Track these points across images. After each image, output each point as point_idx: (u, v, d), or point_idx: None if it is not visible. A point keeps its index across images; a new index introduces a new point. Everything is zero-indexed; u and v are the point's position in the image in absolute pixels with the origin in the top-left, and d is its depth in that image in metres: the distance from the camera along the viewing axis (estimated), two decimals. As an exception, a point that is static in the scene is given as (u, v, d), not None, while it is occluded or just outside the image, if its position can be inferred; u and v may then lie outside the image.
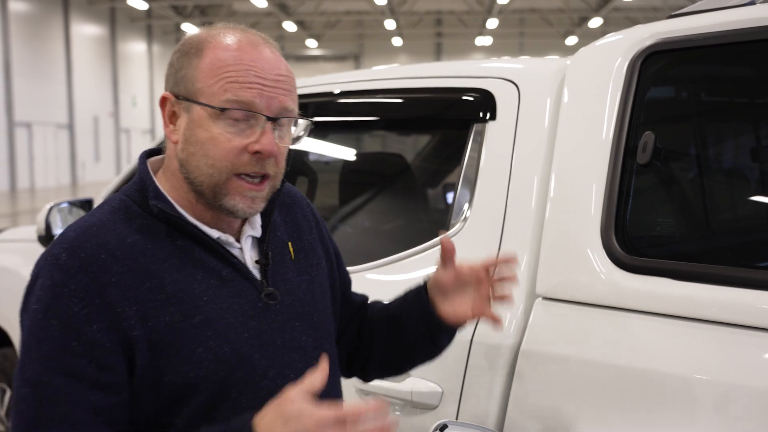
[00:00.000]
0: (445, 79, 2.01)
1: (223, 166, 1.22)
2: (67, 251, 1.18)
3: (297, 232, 1.44)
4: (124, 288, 1.17)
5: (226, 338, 1.22)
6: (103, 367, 1.15)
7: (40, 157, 23.08)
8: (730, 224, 1.57)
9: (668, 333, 1.37)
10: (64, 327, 1.14)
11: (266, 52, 1.25)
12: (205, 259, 1.26)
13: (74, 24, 25.38)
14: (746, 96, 1.60)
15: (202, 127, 1.22)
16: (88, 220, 1.24)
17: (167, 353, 1.19)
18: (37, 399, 1.13)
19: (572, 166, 1.58)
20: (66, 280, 1.16)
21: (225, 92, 1.21)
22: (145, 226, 1.24)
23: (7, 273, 3.28)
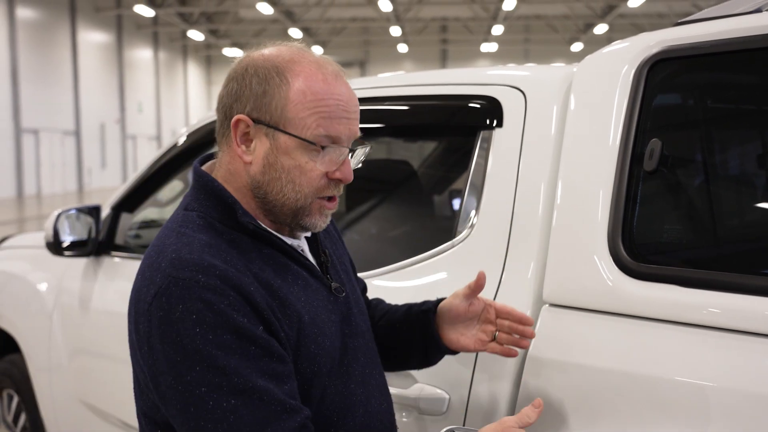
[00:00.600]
0: (452, 86, 2.02)
1: (309, 192, 1.31)
2: (202, 272, 1.20)
3: (331, 241, 1.55)
4: (260, 296, 1.23)
5: (325, 333, 1.33)
6: (282, 358, 1.23)
7: (46, 163, 23.14)
8: (737, 231, 1.57)
9: (675, 340, 1.36)
10: (239, 337, 1.18)
11: (345, 84, 1.33)
12: (288, 264, 1.34)
13: (81, 31, 25.49)
14: (753, 103, 1.60)
15: (289, 155, 1.29)
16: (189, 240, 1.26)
17: (297, 353, 1.28)
18: (252, 403, 1.16)
19: (579, 173, 1.58)
20: (218, 298, 1.19)
21: (318, 127, 1.27)
22: (233, 241, 1.29)
23: (15, 279, 3.29)
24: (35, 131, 22.40)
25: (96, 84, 26.55)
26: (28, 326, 3.12)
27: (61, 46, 24.30)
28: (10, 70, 21.23)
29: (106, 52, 27.72)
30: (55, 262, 3.00)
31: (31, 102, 21.99)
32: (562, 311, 1.54)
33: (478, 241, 1.76)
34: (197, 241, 1.26)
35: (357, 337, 1.43)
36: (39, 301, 3.04)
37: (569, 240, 1.55)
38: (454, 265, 1.79)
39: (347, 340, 1.40)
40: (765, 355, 1.27)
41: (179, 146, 2.66)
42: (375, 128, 2.28)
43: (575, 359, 1.46)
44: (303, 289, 1.34)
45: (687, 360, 1.34)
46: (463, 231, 1.80)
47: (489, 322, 1.51)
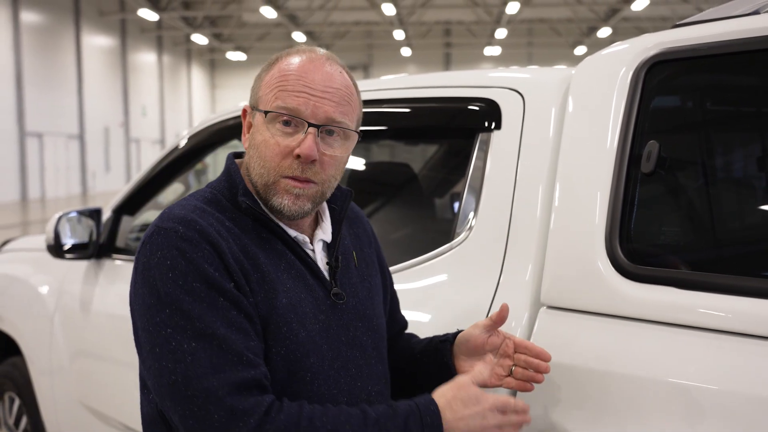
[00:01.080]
0: (451, 88, 2.02)
1: (271, 167, 1.34)
2: (183, 225, 1.28)
3: (359, 244, 1.56)
4: (234, 259, 1.29)
5: (303, 324, 1.33)
6: (249, 317, 1.27)
7: (50, 167, 23.19)
8: (735, 233, 1.56)
9: (673, 342, 1.36)
10: (209, 287, 1.24)
11: (322, 67, 1.36)
12: (285, 253, 1.38)
13: (85, 35, 25.55)
14: (751, 105, 1.60)
15: (259, 131, 1.36)
16: (186, 204, 1.35)
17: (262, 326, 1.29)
18: (211, 348, 1.21)
19: (577, 175, 1.58)
20: (193, 248, 1.26)
21: (276, 99, 1.34)
22: (236, 218, 1.36)
23: (17, 282, 3.30)
24: (39, 135, 22.45)
25: (100, 88, 26.60)
26: (29, 329, 3.12)
27: (65, 50, 24.36)
28: (14, 73, 21.29)
29: (110, 56, 27.79)
30: (57, 264, 3.01)
31: (35, 106, 22.04)
32: (559, 313, 1.54)
33: (477, 243, 1.76)
34: (192, 204, 1.34)
35: (354, 349, 1.41)
36: (40, 304, 3.05)
37: (567, 242, 1.55)
38: (453, 267, 1.79)
39: (341, 347, 1.39)
40: (762, 357, 1.27)
41: (180, 149, 2.66)
42: (374, 131, 2.28)
43: (573, 361, 1.46)
44: (293, 278, 1.36)
45: (684, 362, 1.34)
46: (461, 233, 1.80)
47: (507, 356, 1.46)
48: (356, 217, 1.61)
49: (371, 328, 1.47)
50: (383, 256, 1.65)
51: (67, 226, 2.78)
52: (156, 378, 1.23)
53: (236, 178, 1.40)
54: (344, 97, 1.36)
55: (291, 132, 1.33)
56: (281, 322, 1.31)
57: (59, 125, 23.67)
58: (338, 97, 1.35)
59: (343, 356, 1.39)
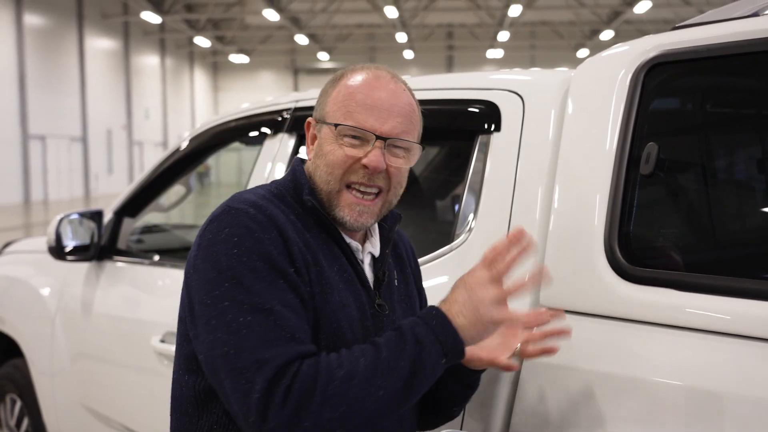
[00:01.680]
0: (451, 90, 2.02)
1: (337, 174, 1.40)
2: (254, 208, 1.34)
3: (400, 265, 1.60)
4: (297, 248, 1.34)
5: (351, 326, 1.38)
6: (305, 302, 1.32)
7: (53, 169, 23.23)
8: (733, 235, 1.56)
9: (671, 343, 1.37)
10: (271, 268, 1.29)
11: (387, 86, 1.42)
12: (340, 256, 1.43)
13: (88, 38, 25.61)
14: (749, 107, 1.61)
15: (327, 142, 1.41)
16: (256, 191, 1.42)
17: (316, 317, 1.33)
18: (266, 322, 1.25)
19: (576, 177, 1.59)
20: (262, 229, 1.31)
21: (345, 116, 1.40)
22: (300, 215, 1.42)
23: (18, 283, 3.31)
24: (42, 137, 22.50)
25: (103, 90, 26.66)
26: (30, 330, 3.13)
27: (68, 53, 24.42)
28: (17, 76, 21.34)
29: (113, 59, 27.84)
30: (58, 266, 3.01)
31: (38, 108, 22.09)
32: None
33: (477, 244, 1.76)
34: (261, 193, 1.41)
35: None
36: (41, 306, 3.05)
37: (566, 243, 1.56)
38: (452, 269, 1.79)
39: None
40: (761, 359, 1.27)
41: (181, 151, 2.67)
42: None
43: (572, 362, 1.46)
44: (344, 281, 1.41)
45: (682, 363, 1.34)
46: (461, 234, 1.81)
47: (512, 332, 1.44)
48: (400, 238, 1.65)
49: None
50: (420, 278, 1.68)
51: (69, 228, 2.78)
52: (209, 350, 1.26)
53: (302, 179, 1.46)
54: (408, 114, 1.43)
55: (358, 144, 1.39)
56: (333, 318, 1.35)
57: (62, 128, 23.72)
58: (403, 114, 1.41)
59: None
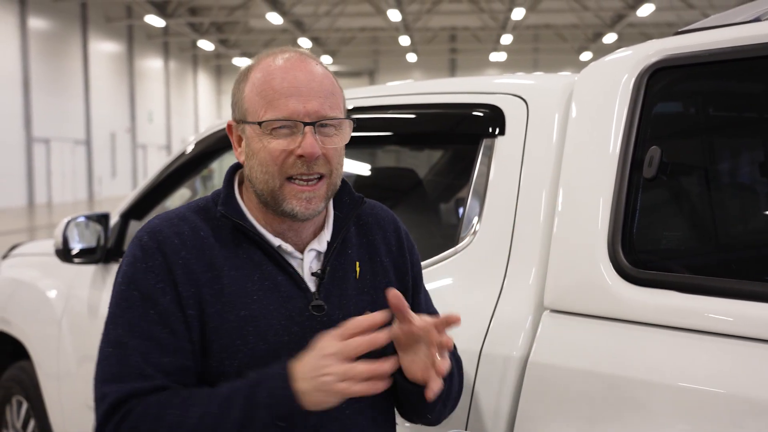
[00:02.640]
0: (456, 94, 2.04)
1: (275, 170, 1.34)
2: (149, 234, 1.36)
3: (370, 254, 1.50)
4: (188, 271, 1.33)
5: (264, 337, 1.33)
6: (175, 333, 1.31)
7: (57, 172, 23.28)
8: (736, 237, 1.58)
9: (674, 345, 1.38)
10: (144, 297, 1.32)
11: (302, 65, 1.37)
12: (264, 263, 1.38)
13: (92, 41, 25.67)
14: (751, 111, 1.62)
15: (254, 140, 1.36)
16: (172, 213, 1.42)
17: (211, 338, 1.32)
18: (117, 359, 1.30)
19: (580, 180, 1.60)
20: (145, 258, 1.34)
21: (266, 109, 1.34)
22: (218, 227, 1.39)
23: (24, 286, 3.32)
24: (46, 140, 22.55)
25: (107, 94, 26.71)
26: (37, 333, 3.14)
27: (72, 56, 24.47)
28: (22, 79, 21.39)
29: (116, 62, 27.90)
30: (65, 269, 3.03)
31: (42, 111, 22.14)
32: (562, 317, 1.55)
33: (481, 248, 1.77)
34: (176, 212, 1.41)
35: None
36: (48, 308, 3.07)
37: (570, 246, 1.57)
38: (457, 272, 1.80)
39: None
40: (765, 360, 1.28)
41: (187, 154, 2.68)
42: (379, 136, 2.30)
43: (576, 364, 1.47)
44: (265, 290, 1.35)
45: (687, 365, 1.35)
46: (465, 238, 1.82)
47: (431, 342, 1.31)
48: (377, 223, 1.53)
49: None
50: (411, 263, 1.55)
51: (75, 230, 2.80)
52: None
53: (225, 187, 1.43)
54: (329, 89, 1.37)
55: (287, 134, 1.34)
56: (234, 336, 1.32)
57: (66, 131, 23.77)
58: (324, 91, 1.36)
59: None
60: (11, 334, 3.33)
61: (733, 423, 1.26)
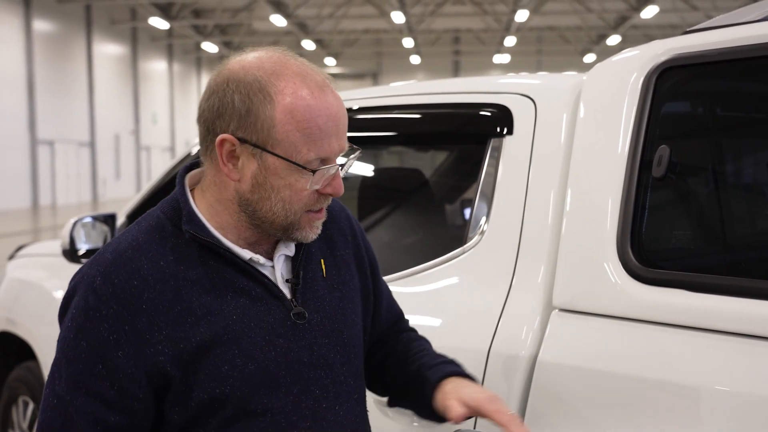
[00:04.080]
0: (463, 94, 2.04)
1: (299, 209, 1.28)
2: (102, 275, 1.23)
3: (330, 248, 1.46)
4: (154, 314, 1.22)
5: (251, 357, 1.27)
6: (123, 391, 1.21)
7: (61, 174, 23.32)
8: (745, 236, 1.58)
9: (684, 344, 1.38)
10: (92, 350, 1.21)
11: (331, 96, 1.26)
12: (236, 279, 1.29)
13: (96, 43, 25.71)
14: (760, 111, 1.62)
15: (278, 175, 1.25)
16: (124, 241, 1.28)
17: (196, 370, 1.24)
18: (59, 413, 1.21)
19: (588, 180, 1.60)
20: (99, 305, 1.21)
21: (309, 151, 1.23)
22: (179, 246, 1.28)
23: (31, 287, 3.33)
24: (50, 142, 22.59)
25: (111, 96, 26.76)
26: (43, 334, 3.15)
27: (76, 59, 24.52)
28: (26, 82, 21.44)
29: (121, 64, 27.94)
30: (71, 269, 3.03)
31: (46, 113, 22.19)
32: (571, 316, 1.55)
33: (489, 248, 1.77)
34: (131, 239, 1.28)
35: (317, 369, 1.33)
36: (54, 309, 3.06)
37: (579, 246, 1.57)
38: (464, 271, 1.81)
39: (302, 369, 1.31)
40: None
41: (193, 156, 2.69)
42: (386, 137, 2.30)
43: (584, 364, 1.47)
44: (242, 307, 1.28)
45: (695, 363, 1.35)
46: (473, 237, 1.82)
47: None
48: (330, 216, 1.44)
49: (340, 342, 1.38)
50: (366, 249, 1.53)
51: (82, 231, 2.80)
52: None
53: (182, 201, 1.30)
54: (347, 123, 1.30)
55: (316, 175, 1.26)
56: (220, 363, 1.24)
57: (70, 133, 23.81)
58: (345, 125, 1.29)
59: (304, 379, 1.31)
60: (18, 334, 3.34)
61: (743, 422, 1.26)
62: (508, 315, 1.65)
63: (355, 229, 1.53)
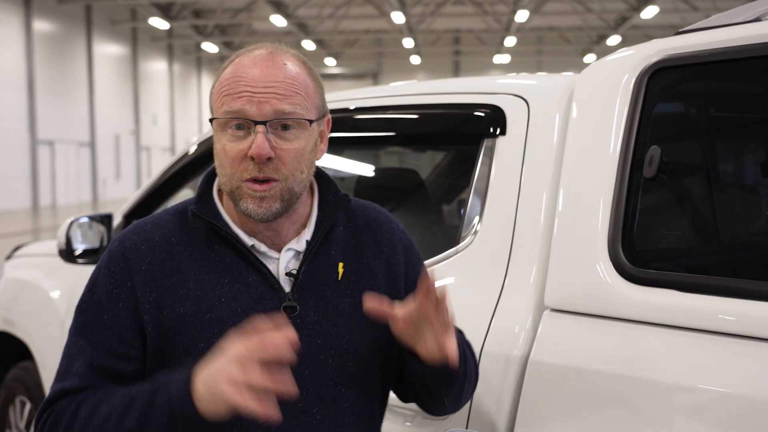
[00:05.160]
0: (457, 95, 2.04)
1: (232, 173, 1.32)
2: (119, 240, 1.39)
3: (357, 255, 1.44)
4: (150, 277, 1.34)
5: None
6: (123, 339, 1.33)
7: (61, 174, 23.33)
8: (735, 237, 1.58)
9: (674, 344, 1.38)
10: (99, 301, 1.35)
11: (263, 63, 1.32)
12: (235, 263, 1.36)
13: (97, 44, 25.72)
14: (752, 111, 1.62)
15: (217, 140, 1.35)
16: (150, 218, 1.43)
17: (174, 341, 1.32)
18: (67, 354, 1.36)
19: (580, 179, 1.60)
20: (110, 263, 1.37)
21: (222, 105, 1.32)
22: (194, 230, 1.39)
23: (28, 287, 3.33)
24: (50, 142, 22.60)
25: (111, 96, 26.76)
26: (40, 333, 3.15)
27: (76, 59, 24.53)
28: (26, 82, 21.45)
29: (121, 65, 27.96)
30: (68, 269, 3.04)
31: (46, 114, 22.20)
32: (563, 316, 1.55)
33: (482, 247, 1.78)
34: (154, 217, 1.43)
35: (300, 367, 1.30)
36: (52, 309, 3.08)
37: (570, 246, 1.57)
38: (458, 271, 1.81)
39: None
40: (764, 359, 1.28)
41: (190, 155, 2.69)
42: (381, 137, 2.31)
43: (576, 363, 1.47)
44: (235, 292, 1.33)
45: (686, 363, 1.35)
46: (466, 237, 1.82)
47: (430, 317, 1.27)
48: (367, 225, 1.48)
49: (336, 346, 1.36)
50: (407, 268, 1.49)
51: (79, 231, 2.81)
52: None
53: (201, 186, 1.42)
54: (290, 87, 1.30)
55: (243, 135, 1.30)
56: (197, 338, 1.30)
57: (70, 133, 23.82)
58: (283, 89, 1.30)
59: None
60: (15, 334, 3.34)
61: (733, 423, 1.26)
62: (501, 315, 1.65)
63: (395, 243, 1.49)
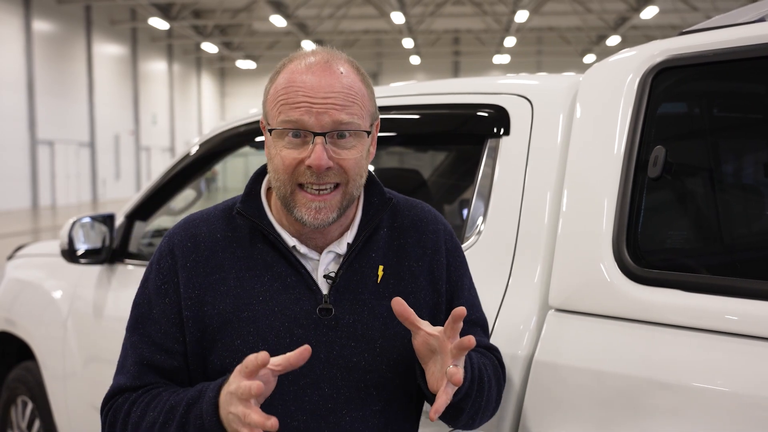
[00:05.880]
0: (460, 95, 2.04)
1: (286, 178, 1.34)
2: (168, 236, 1.44)
3: (398, 257, 1.44)
4: (193, 274, 1.38)
5: (265, 338, 1.34)
6: (168, 334, 1.38)
7: (61, 174, 23.33)
8: (740, 236, 1.58)
9: (679, 344, 1.38)
10: (149, 297, 1.41)
11: (322, 72, 1.32)
12: (276, 263, 1.39)
13: (96, 44, 25.72)
14: (756, 111, 1.62)
15: (271, 147, 1.36)
16: (200, 213, 1.47)
17: (213, 338, 1.36)
18: (124, 348, 1.43)
19: (584, 180, 1.60)
20: (159, 259, 1.42)
21: (279, 114, 1.33)
22: (240, 227, 1.42)
23: (29, 287, 3.33)
24: (50, 143, 22.59)
25: (111, 96, 26.76)
26: (42, 334, 3.15)
27: (76, 59, 24.53)
28: (26, 82, 21.44)
29: (120, 65, 27.95)
30: (70, 269, 3.04)
31: (46, 114, 22.20)
32: (567, 316, 1.55)
33: (486, 247, 1.78)
34: (205, 211, 1.47)
35: (333, 368, 1.35)
36: (53, 309, 3.07)
37: (575, 246, 1.57)
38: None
39: (316, 363, 1.33)
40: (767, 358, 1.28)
41: (192, 156, 2.69)
42: (384, 137, 2.30)
43: (580, 363, 1.47)
44: (274, 291, 1.37)
45: (690, 363, 1.35)
46: (470, 237, 1.82)
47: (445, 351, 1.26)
48: (412, 226, 1.48)
49: (371, 349, 1.37)
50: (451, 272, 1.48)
51: (81, 231, 2.80)
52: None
53: (249, 185, 1.45)
54: (348, 97, 1.32)
55: (299, 143, 1.31)
56: (235, 335, 1.35)
57: (70, 133, 23.82)
58: (341, 99, 1.31)
59: (315, 374, 1.34)
60: (16, 334, 3.34)
61: (738, 422, 1.26)
62: (505, 314, 1.65)
63: (440, 246, 1.49)
